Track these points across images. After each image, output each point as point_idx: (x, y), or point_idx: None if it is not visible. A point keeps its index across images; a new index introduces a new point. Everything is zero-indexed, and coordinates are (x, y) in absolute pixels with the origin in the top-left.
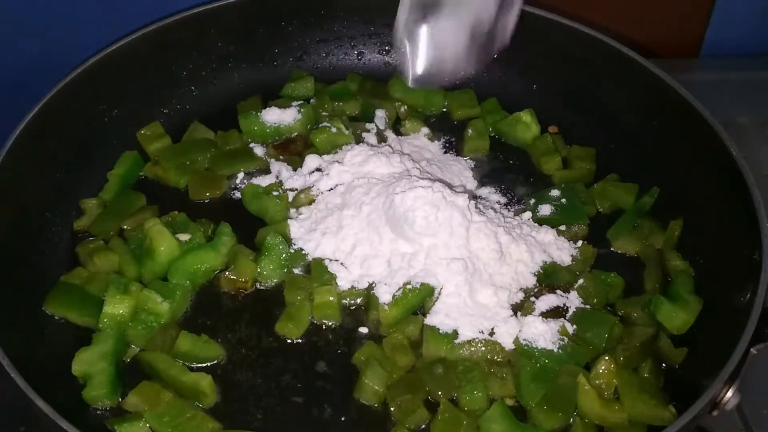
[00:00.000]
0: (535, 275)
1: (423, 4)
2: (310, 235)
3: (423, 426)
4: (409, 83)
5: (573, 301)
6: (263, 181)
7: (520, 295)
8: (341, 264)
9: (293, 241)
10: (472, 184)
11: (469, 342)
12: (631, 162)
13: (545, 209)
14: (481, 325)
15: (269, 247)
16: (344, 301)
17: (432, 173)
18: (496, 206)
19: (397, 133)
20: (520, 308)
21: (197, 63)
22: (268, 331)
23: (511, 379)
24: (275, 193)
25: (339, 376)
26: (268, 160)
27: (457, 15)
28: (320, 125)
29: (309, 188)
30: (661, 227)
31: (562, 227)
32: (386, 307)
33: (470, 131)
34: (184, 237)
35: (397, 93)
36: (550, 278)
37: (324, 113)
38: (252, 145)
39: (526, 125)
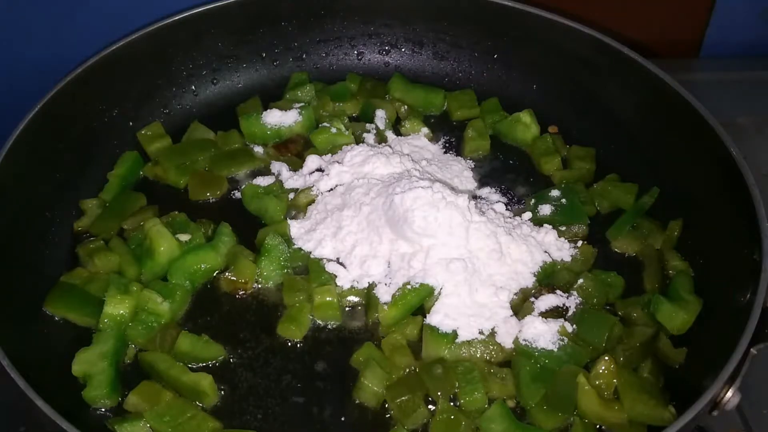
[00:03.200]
0: (534, 275)
1: None
2: (309, 235)
3: (423, 426)
4: None
5: (573, 301)
6: (263, 181)
7: (520, 295)
8: (341, 264)
9: (293, 241)
10: (472, 184)
11: (468, 342)
12: (631, 162)
13: (545, 209)
14: (481, 326)
15: (269, 247)
16: (345, 300)
17: (432, 173)
18: (496, 206)
19: (397, 133)
20: (520, 308)
21: (197, 63)
22: (268, 331)
23: (511, 380)
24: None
25: (339, 376)
26: (269, 160)
27: None
28: (320, 125)
29: (309, 188)
30: (661, 227)
31: (562, 227)
32: (386, 307)
33: (470, 131)
34: (184, 237)
35: (397, 93)
36: (549, 278)
37: (324, 113)
38: (252, 145)
39: (525, 125)
